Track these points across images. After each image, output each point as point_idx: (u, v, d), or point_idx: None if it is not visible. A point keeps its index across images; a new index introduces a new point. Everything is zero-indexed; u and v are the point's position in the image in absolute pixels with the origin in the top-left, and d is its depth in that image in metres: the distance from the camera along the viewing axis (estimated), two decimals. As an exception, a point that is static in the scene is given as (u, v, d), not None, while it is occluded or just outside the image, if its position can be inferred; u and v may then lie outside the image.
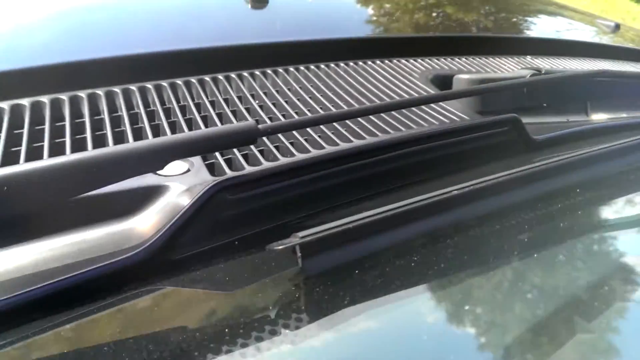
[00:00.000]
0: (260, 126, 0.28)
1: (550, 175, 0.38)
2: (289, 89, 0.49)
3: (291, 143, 0.39)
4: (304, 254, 0.24)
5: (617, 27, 1.06)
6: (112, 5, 0.65)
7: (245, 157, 0.37)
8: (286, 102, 0.46)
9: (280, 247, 0.24)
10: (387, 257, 0.27)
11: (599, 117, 0.66)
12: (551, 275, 0.30)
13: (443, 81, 0.60)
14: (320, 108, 0.47)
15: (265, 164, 0.34)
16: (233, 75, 0.49)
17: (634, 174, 0.43)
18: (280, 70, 0.52)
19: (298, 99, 0.47)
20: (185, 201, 0.29)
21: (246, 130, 0.27)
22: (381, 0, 0.81)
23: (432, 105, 0.51)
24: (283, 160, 0.35)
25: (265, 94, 0.48)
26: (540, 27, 1.00)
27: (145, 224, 0.29)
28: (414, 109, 0.49)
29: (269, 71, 0.51)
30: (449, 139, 0.41)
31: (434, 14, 0.87)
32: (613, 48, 0.91)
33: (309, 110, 0.45)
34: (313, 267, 0.25)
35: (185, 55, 0.51)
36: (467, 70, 0.64)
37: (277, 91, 0.48)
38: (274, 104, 0.45)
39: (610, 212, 0.40)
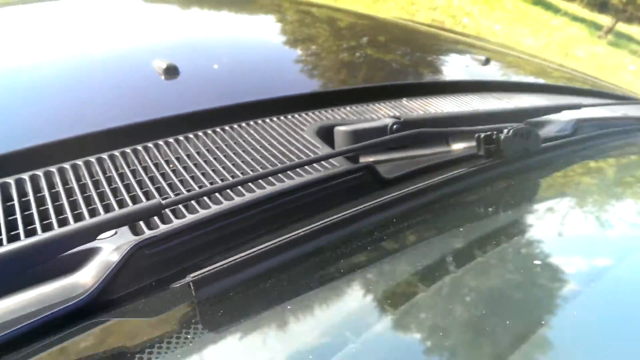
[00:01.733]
0: (164, 202, 0.41)
1: (397, 203, 0.54)
2: (197, 153, 0.62)
3: (197, 202, 0.52)
4: (196, 288, 0.37)
5: (488, 61, 1.27)
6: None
7: (161, 217, 0.49)
8: (192, 166, 0.59)
9: (178, 285, 0.37)
10: (259, 283, 0.41)
11: (458, 147, 0.83)
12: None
13: (327, 132, 0.76)
14: (222, 168, 0.60)
15: (175, 222, 0.47)
16: (145, 146, 0.62)
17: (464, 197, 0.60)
18: (192, 135, 0.66)
19: (205, 161, 0.61)
20: (115, 257, 0.42)
21: (151, 208, 0.41)
22: (281, 61, 0.97)
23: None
24: (187, 217, 0.48)
25: (177, 159, 0.61)
26: (421, 67, 1.19)
27: (87, 276, 0.42)
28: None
29: (181, 138, 0.65)
30: (314, 188, 0.56)
31: (333, 70, 1.03)
32: (479, 83, 1.10)
33: (212, 171, 0.59)
34: (203, 296, 0.38)
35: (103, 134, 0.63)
36: (348, 119, 0.80)
37: (187, 155, 0.61)
38: (184, 168, 0.59)
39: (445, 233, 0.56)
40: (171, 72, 0.78)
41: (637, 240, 0.58)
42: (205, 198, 0.51)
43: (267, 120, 0.74)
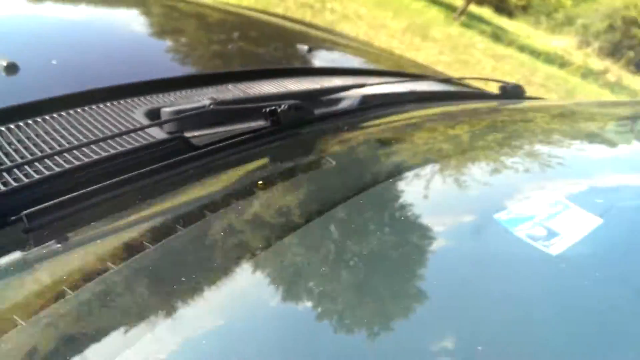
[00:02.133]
0: (2, 167, 0.58)
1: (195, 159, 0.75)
2: (36, 135, 0.77)
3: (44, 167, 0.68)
4: (29, 220, 0.55)
5: (310, 49, 1.53)
6: None
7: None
8: (31, 146, 0.74)
9: (14, 219, 0.54)
10: (78, 215, 0.60)
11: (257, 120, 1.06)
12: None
13: (155, 113, 0.93)
14: (58, 146, 0.76)
15: (15, 184, 0.63)
16: None
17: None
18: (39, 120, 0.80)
19: (42, 141, 0.76)
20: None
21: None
22: (118, 52, 1.12)
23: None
24: (25, 180, 0.64)
25: (19, 141, 0.75)
26: (252, 56, 1.40)
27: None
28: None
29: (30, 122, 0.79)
30: (137, 154, 0.74)
31: (168, 59, 1.21)
32: (297, 69, 1.35)
33: (50, 149, 0.75)
34: (34, 225, 0.56)
35: None
36: (177, 102, 0.99)
37: (27, 137, 0.76)
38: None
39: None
40: (11, 69, 0.90)
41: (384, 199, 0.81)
42: (38, 165, 0.67)
43: (101, 105, 0.90)
